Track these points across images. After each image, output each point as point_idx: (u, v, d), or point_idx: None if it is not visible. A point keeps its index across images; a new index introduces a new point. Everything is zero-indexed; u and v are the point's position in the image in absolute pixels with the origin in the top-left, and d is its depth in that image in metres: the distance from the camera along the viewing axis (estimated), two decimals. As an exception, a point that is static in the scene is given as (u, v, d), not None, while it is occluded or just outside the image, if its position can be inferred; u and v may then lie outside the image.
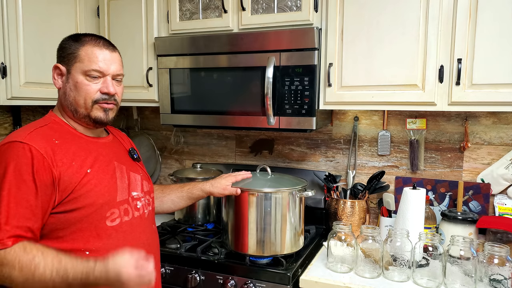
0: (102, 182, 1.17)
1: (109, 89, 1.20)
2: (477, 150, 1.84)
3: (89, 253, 1.11)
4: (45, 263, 0.98)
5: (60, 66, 1.20)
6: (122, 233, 1.19)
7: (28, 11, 1.73)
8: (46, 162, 1.06)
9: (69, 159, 1.12)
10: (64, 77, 1.20)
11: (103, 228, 1.14)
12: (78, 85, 1.18)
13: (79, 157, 1.15)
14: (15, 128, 2.11)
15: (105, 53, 1.20)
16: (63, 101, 1.21)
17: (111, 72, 1.21)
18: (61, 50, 1.22)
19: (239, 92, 1.80)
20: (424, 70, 1.55)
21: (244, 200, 1.56)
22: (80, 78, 1.17)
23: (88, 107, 1.19)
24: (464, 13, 1.49)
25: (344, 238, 1.57)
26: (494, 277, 1.35)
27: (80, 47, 1.18)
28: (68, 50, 1.19)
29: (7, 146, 1.06)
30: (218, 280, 1.58)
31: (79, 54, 1.18)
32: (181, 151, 2.45)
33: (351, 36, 1.65)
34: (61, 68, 1.20)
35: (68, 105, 1.20)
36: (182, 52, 1.89)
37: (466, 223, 1.65)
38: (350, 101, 1.69)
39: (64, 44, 1.22)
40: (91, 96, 1.18)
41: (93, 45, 1.19)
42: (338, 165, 2.11)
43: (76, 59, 1.18)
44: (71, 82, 1.18)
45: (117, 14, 2.03)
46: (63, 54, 1.20)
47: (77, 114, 1.20)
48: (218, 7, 1.85)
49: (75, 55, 1.18)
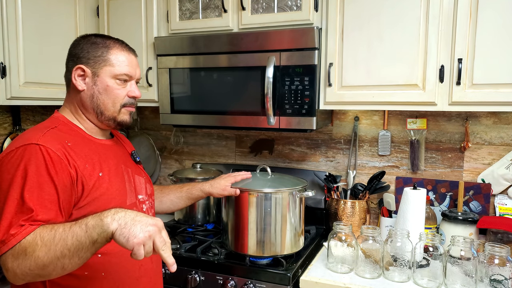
0: (113, 185, 1.16)
1: (136, 93, 1.22)
2: (478, 150, 1.84)
3: (101, 256, 1.11)
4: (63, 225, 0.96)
5: (85, 68, 1.17)
6: None
7: (27, 11, 1.73)
8: (64, 164, 1.05)
9: (83, 162, 1.10)
10: (87, 79, 1.18)
11: None
12: (109, 88, 1.18)
13: (91, 159, 1.14)
14: (15, 128, 2.10)
15: (131, 57, 1.22)
16: (88, 102, 1.19)
17: (137, 77, 1.24)
18: (83, 51, 1.18)
19: (239, 92, 1.79)
20: (425, 70, 1.55)
21: (244, 200, 1.56)
22: (110, 81, 1.18)
23: (116, 111, 1.20)
24: (464, 12, 1.49)
25: (344, 238, 1.56)
26: (495, 278, 1.35)
27: (108, 50, 1.18)
28: (95, 53, 1.18)
29: (23, 149, 1.03)
30: (218, 281, 1.58)
31: (109, 57, 1.18)
32: (181, 151, 2.45)
33: (352, 36, 1.65)
34: (86, 70, 1.17)
35: (95, 107, 1.19)
36: (182, 52, 1.88)
37: (467, 224, 1.65)
38: (350, 101, 1.69)
39: (85, 45, 1.19)
40: (120, 100, 1.20)
41: (121, 49, 1.20)
42: (339, 165, 2.10)
43: (105, 62, 1.17)
44: (100, 85, 1.18)
45: (117, 13, 2.03)
46: (88, 56, 1.18)
47: (102, 116, 1.20)
48: (218, 7, 1.84)
49: (105, 59, 1.18)
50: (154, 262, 1.28)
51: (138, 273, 1.20)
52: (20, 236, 0.94)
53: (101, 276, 1.12)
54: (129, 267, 1.17)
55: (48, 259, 0.93)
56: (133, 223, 0.90)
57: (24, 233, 0.95)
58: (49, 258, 0.93)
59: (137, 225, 0.89)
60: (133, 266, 1.19)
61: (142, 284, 1.22)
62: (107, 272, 1.13)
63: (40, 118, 2.26)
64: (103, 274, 1.12)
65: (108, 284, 1.13)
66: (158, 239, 0.91)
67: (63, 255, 0.92)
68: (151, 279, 1.26)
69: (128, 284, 1.18)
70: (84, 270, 1.08)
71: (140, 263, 1.20)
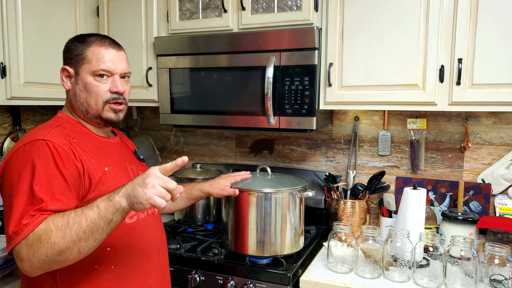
0: (119, 180, 1.16)
1: (118, 88, 1.21)
2: (478, 150, 1.84)
3: (110, 249, 1.12)
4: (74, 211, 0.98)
5: (67, 68, 1.20)
6: (139, 230, 1.20)
7: (27, 11, 1.73)
8: (70, 157, 1.06)
9: (88, 157, 1.12)
10: (72, 79, 1.20)
11: (122, 225, 1.12)
12: (88, 86, 1.18)
13: (96, 155, 1.15)
14: (15, 128, 2.11)
15: (112, 52, 1.21)
16: (73, 102, 1.21)
17: (118, 71, 1.22)
18: (67, 52, 1.22)
19: (239, 92, 1.79)
20: (425, 70, 1.55)
21: (244, 201, 1.56)
22: (89, 79, 1.18)
23: (99, 108, 1.20)
24: (464, 13, 1.49)
25: (344, 238, 1.56)
26: (495, 278, 1.35)
27: (86, 48, 1.19)
28: (75, 52, 1.19)
29: (30, 144, 1.05)
30: (218, 281, 1.57)
31: (86, 55, 1.18)
32: (181, 151, 2.45)
33: (352, 36, 1.65)
34: (69, 70, 1.20)
35: (79, 106, 1.20)
36: (182, 52, 1.88)
37: (467, 224, 1.65)
38: (350, 101, 1.69)
39: (70, 45, 1.22)
40: (101, 97, 1.19)
41: (99, 45, 1.20)
42: (339, 165, 2.10)
43: (83, 60, 1.18)
44: (81, 83, 1.19)
45: (117, 13, 2.03)
46: (70, 56, 1.20)
47: (88, 114, 1.21)
48: (218, 7, 1.84)
49: (82, 56, 1.18)
50: (161, 256, 1.29)
51: (146, 266, 1.21)
52: (32, 226, 0.96)
53: (110, 270, 1.13)
54: (137, 260, 1.19)
55: (64, 244, 0.95)
56: (134, 189, 0.96)
57: (37, 222, 0.96)
58: (65, 242, 0.95)
59: (137, 188, 0.95)
60: (141, 259, 1.20)
61: (150, 278, 1.22)
62: (117, 265, 1.14)
63: (40, 118, 2.26)
64: (112, 267, 1.13)
65: (117, 277, 1.14)
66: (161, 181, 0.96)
67: (79, 238, 0.95)
68: (158, 273, 1.27)
69: (137, 277, 1.19)
70: (93, 264, 1.10)
71: (147, 256, 1.21)
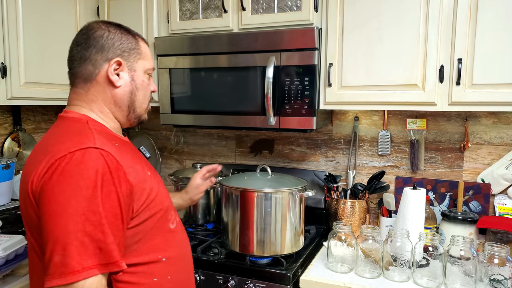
0: (159, 183, 1.06)
1: (155, 88, 1.15)
2: (477, 150, 1.84)
3: (166, 260, 1.04)
4: None
5: (123, 62, 1.02)
6: (180, 233, 1.13)
7: (28, 11, 1.73)
8: (122, 171, 0.90)
9: (132, 163, 0.96)
10: (123, 74, 1.03)
11: (168, 231, 1.06)
12: (144, 84, 1.08)
13: (135, 159, 0.99)
14: (15, 128, 2.11)
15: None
16: (125, 99, 1.05)
17: None
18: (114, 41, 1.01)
19: (239, 92, 1.80)
20: (425, 70, 1.55)
21: (245, 200, 1.56)
22: (145, 77, 1.08)
23: (145, 108, 1.12)
24: (464, 13, 1.49)
25: (344, 238, 1.57)
26: (494, 277, 1.35)
27: (138, 42, 1.05)
28: (128, 44, 1.03)
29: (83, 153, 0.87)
30: (218, 280, 1.58)
31: (141, 50, 1.05)
32: (181, 151, 2.45)
33: (351, 36, 1.65)
34: (123, 64, 1.02)
35: (130, 104, 1.07)
36: (182, 52, 1.89)
37: (466, 223, 1.65)
38: (350, 101, 1.69)
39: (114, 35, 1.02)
40: (149, 97, 1.12)
41: (144, 41, 1.09)
42: (338, 165, 2.10)
43: (140, 55, 1.05)
44: (138, 80, 1.06)
45: (117, 13, 2.03)
46: (122, 48, 1.02)
47: (133, 113, 1.09)
48: (218, 7, 1.85)
49: (139, 51, 1.05)
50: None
51: (191, 274, 1.18)
52: None
53: (167, 280, 1.06)
54: (186, 268, 1.15)
55: None
56: None
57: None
58: None
59: None
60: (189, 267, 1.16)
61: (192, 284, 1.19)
62: (173, 275, 1.08)
63: (40, 118, 2.27)
64: (169, 277, 1.06)
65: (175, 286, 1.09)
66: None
67: None
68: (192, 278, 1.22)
69: (188, 284, 1.15)
70: (153, 277, 1.01)
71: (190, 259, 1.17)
